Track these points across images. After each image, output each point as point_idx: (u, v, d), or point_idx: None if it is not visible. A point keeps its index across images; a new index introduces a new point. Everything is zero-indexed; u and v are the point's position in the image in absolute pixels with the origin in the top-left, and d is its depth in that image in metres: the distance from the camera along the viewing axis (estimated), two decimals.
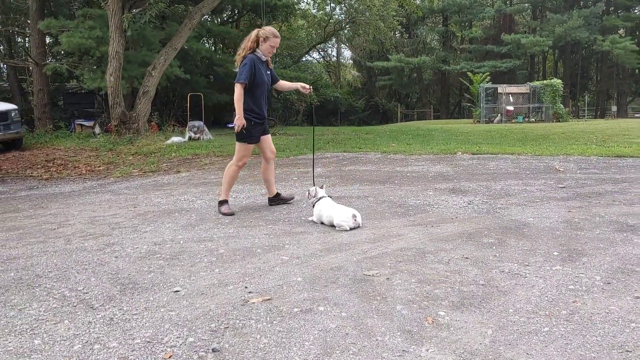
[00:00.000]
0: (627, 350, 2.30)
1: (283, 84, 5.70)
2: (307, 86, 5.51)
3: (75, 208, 6.09)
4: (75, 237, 4.58)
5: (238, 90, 5.13)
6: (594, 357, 2.25)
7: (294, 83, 5.73)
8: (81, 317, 2.77)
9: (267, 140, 5.58)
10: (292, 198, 5.93)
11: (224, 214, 5.31)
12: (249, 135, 5.32)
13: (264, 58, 5.30)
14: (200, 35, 26.29)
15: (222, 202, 5.47)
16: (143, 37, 18.04)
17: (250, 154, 5.55)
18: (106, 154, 12.32)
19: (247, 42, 5.23)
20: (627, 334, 2.45)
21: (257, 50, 5.24)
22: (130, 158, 11.67)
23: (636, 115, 51.87)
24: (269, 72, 5.41)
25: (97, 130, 17.07)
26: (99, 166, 10.77)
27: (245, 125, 5.21)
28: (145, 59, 17.46)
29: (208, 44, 31.39)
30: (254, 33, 5.25)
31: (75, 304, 2.96)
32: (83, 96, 22.40)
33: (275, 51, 5.36)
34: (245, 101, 5.19)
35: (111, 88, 15.08)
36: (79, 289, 3.22)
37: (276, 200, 5.78)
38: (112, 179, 8.94)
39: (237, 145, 5.43)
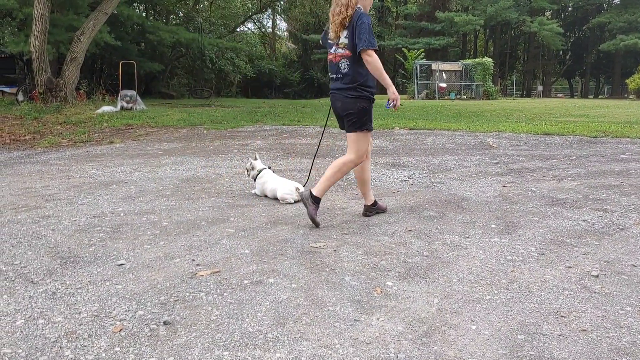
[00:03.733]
0: (562, 316, 2.44)
1: None
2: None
3: (2, 179, 5.78)
4: (6, 209, 4.36)
5: (374, 57, 3.68)
6: (533, 323, 2.37)
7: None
8: (21, 291, 2.66)
9: None
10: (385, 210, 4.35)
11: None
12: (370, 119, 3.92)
13: None
14: (132, 1, 25.26)
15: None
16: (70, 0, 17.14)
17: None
18: (31, 123, 11.70)
19: None
20: (561, 301, 2.61)
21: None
22: (59, 127, 11.15)
23: (559, 95, 54.43)
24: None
25: (21, 97, 16.17)
26: (25, 135, 10.22)
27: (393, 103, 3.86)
28: (72, 23, 16.61)
29: (139, 9, 30.19)
30: None
31: (13, 279, 2.82)
32: (2, 61, 21.13)
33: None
34: (362, 74, 3.78)
35: (36, 53, 14.26)
36: (15, 262, 3.07)
37: (372, 209, 4.22)
38: (40, 149, 8.52)
39: (356, 135, 3.85)
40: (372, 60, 3.64)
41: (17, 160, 7.33)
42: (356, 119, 3.80)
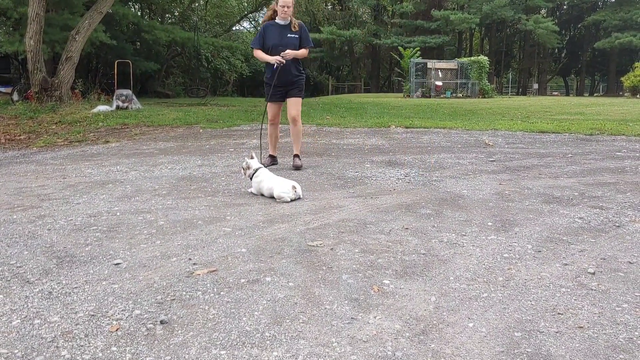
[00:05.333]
0: (558, 313, 2.44)
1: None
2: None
3: None
4: (1, 209, 4.34)
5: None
6: (530, 320, 2.38)
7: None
8: (17, 291, 2.65)
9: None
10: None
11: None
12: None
13: (282, 22, 6.06)
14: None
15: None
16: None
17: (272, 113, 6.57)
18: (27, 123, 11.65)
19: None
20: (558, 298, 2.61)
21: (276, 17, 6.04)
22: (54, 127, 11.11)
23: (554, 93, 54.53)
24: (290, 35, 6.06)
25: (16, 97, 16.11)
26: (20, 135, 10.19)
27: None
28: (68, 22, 16.56)
29: (134, 8, 30.12)
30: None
31: (8, 278, 2.81)
32: None
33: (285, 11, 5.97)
34: None
35: (31, 52, 14.21)
36: (11, 262, 3.06)
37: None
38: (35, 148, 8.49)
39: None
40: None
41: (13, 160, 7.30)
42: None
